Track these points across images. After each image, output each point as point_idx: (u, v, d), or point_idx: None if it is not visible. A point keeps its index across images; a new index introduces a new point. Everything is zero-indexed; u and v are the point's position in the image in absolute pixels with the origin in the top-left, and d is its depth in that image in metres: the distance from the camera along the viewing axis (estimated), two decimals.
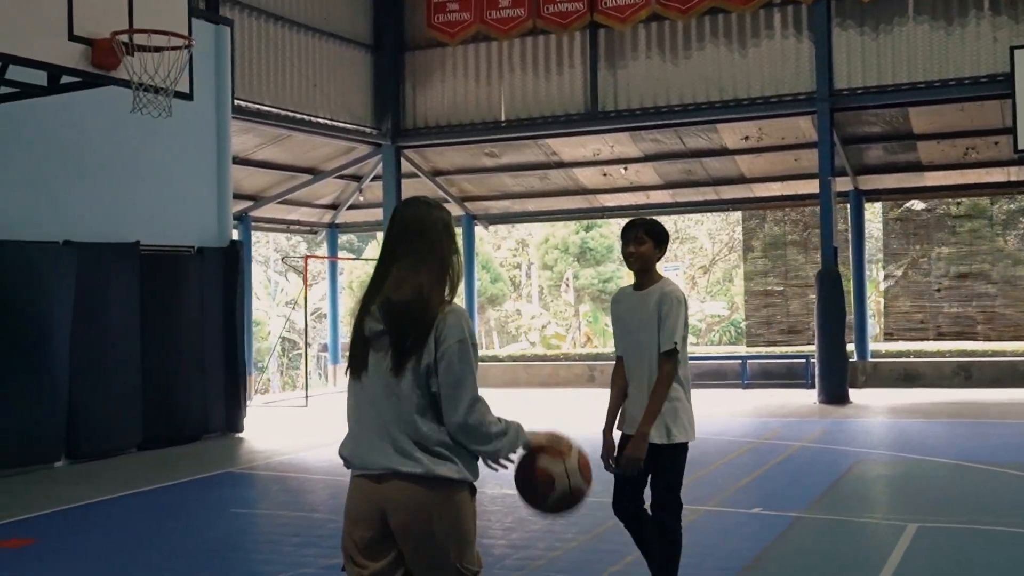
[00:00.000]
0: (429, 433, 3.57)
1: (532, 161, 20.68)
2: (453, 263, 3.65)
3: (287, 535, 8.52)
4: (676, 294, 5.32)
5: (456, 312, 3.58)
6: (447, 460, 3.58)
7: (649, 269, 5.41)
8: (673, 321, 5.24)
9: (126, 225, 13.46)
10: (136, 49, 7.99)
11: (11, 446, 11.79)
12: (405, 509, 3.58)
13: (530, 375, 21.99)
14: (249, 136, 17.97)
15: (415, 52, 19.89)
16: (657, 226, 5.45)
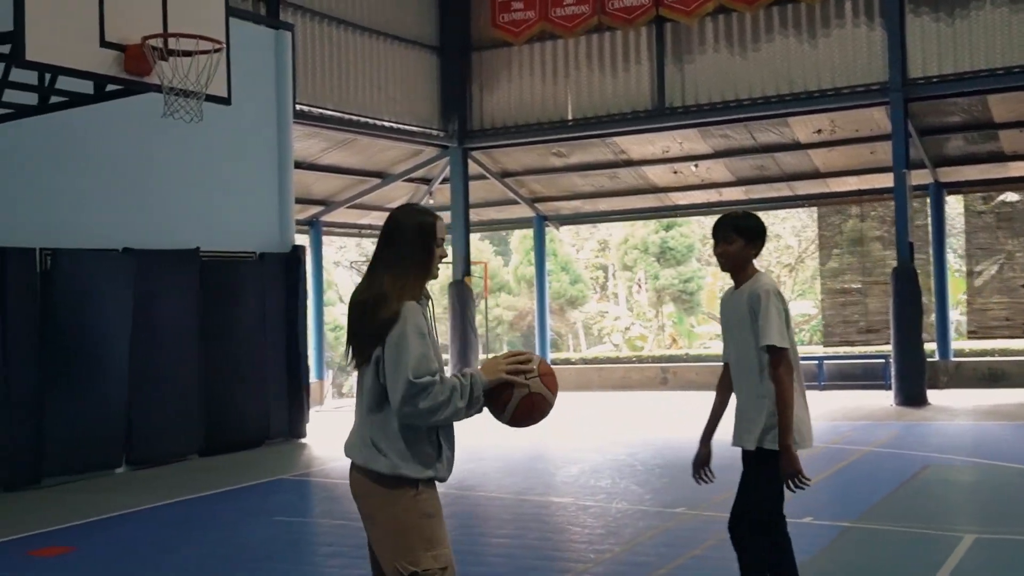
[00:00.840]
0: (374, 427, 3.79)
1: (601, 160, 20.37)
2: (421, 265, 3.84)
3: (320, 544, 8.41)
4: (766, 287, 4.89)
5: (406, 307, 3.73)
6: (382, 455, 3.76)
7: (743, 268, 5.00)
8: (765, 317, 4.82)
9: (186, 232, 13.51)
10: (168, 54, 7.92)
11: (72, 453, 11.87)
12: (357, 498, 3.89)
13: (602, 378, 21.68)
14: (314, 141, 17.98)
15: (481, 52, 19.73)
16: (748, 221, 5.03)
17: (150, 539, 8.82)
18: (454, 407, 3.69)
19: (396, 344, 3.68)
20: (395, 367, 3.67)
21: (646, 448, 12.88)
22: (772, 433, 4.86)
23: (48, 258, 11.72)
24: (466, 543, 8.12)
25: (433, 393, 3.64)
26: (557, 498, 9.87)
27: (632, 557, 7.44)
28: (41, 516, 9.87)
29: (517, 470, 11.63)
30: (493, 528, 8.82)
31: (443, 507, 3.85)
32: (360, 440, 3.83)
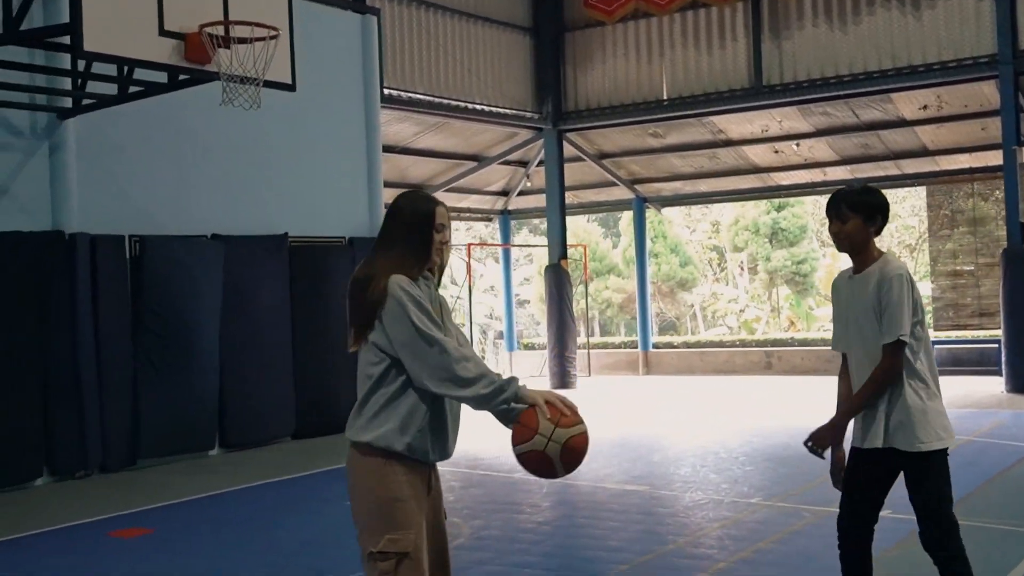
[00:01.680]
0: (363, 402, 3.84)
1: (698, 140, 19.98)
2: (417, 249, 3.89)
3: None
4: (898, 272, 4.46)
5: (391, 280, 3.77)
6: (359, 423, 3.83)
7: (862, 250, 4.58)
8: (897, 307, 4.41)
9: (275, 217, 13.66)
10: (228, 42, 7.96)
11: (165, 436, 12.13)
12: (346, 470, 3.93)
13: (704, 362, 21.33)
14: (406, 125, 18.01)
15: (574, 33, 19.50)
16: (864, 196, 4.59)
17: (226, 524, 8.93)
18: (476, 389, 3.72)
19: (396, 316, 3.73)
20: (410, 338, 3.72)
21: (736, 436, 12.59)
22: (925, 431, 4.52)
23: (137, 244, 11.97)
24: (514, 530, 8.03)
25: (450, 357, 3.71)
26: (633, 486, 9.69)
27: (693, 550, 7.25)
28: (129, 497, 10.09)
29: (599, 456, 11.47)
30: (555, 516, 8.70)
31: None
32: (354, 413, 3.89)
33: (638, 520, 8.35)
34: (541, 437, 3.69)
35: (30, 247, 10.92)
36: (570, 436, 3.72)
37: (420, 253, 3.90)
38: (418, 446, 3.82)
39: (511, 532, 8.05)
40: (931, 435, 4.52)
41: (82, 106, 10.75)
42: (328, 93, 14.55)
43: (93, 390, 11.40)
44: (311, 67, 14.27)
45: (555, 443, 3.69)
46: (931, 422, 4.52)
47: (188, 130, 12.59)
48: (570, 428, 3.73)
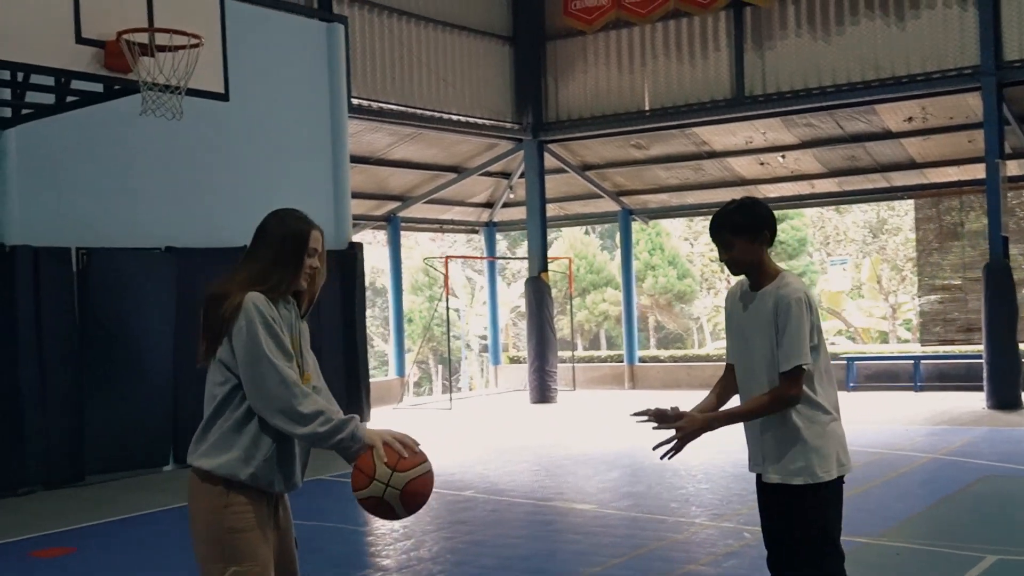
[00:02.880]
0: (207, 423, 3.66)
1: (682, 152, 19.65)
2: (285, 271, 3.70)
3: (310, 549, 8.07)
4: (796, 295, 4.16)
5: (247, 298, 3.60)
6: (200, 449, 3.65)
7: (757, 268, 4.29)
8: (794, 333, 4.11)
9: (233, 229, 13.37)
10: (150, 50, 7.68)
11: (115, 451, 11.86)
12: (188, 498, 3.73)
13: (691, 376, 20.96)
14: (379, 135, 17.73)
15: (555, 42, 19.20)
16: (744, 216, 4.27)
17: (156, 540, 8.64)
18: (312, 428, 3.54)
19: (243, 335, 3.57)
20: (252, 360, 3.56)
21: (700, 452, 12.24)
22: (824, 460, 4.20)
23: (84, 257, 11.70)
24: (462, 547, 7.73)
25: (290, 389, 3.54)
26: (580, 504, 9.37)
27: (621, 571, 6.92)
28: (64, 515, 9.80)
29: (553, 472, 11.16)
30: (495, 534, 8.37)
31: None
32: (197, 436, 3.71)
33: (573, 540, 8.03)
34: (378, 483, 3.54)
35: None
36: (409, 480, 3.58)
37: (287, 275, 3.71)
38: (263, 476, 3.64)
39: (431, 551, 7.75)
40: (829, 464, 4.21)
41: (20, 116, 10.49)
42: (292, 102, 14.30)
43: (34, 405, 11.14)
44: (274, 76, 14.05)
45: (393, 488, 3.55)
46: (829, 450, 4.22)
47: (140, 139, 12.31)
48: (408, 471, 3.58)
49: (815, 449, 4.18)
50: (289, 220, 3.79)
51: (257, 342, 3.55)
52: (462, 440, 14.60)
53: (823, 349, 4.27)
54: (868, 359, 20.13)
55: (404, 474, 3.56)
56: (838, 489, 4.28)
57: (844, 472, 4.26)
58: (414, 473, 3.59)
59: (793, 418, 4.20)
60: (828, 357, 4.32)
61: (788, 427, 4.21)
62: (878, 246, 37.32)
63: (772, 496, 4.34)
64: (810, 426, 4.20)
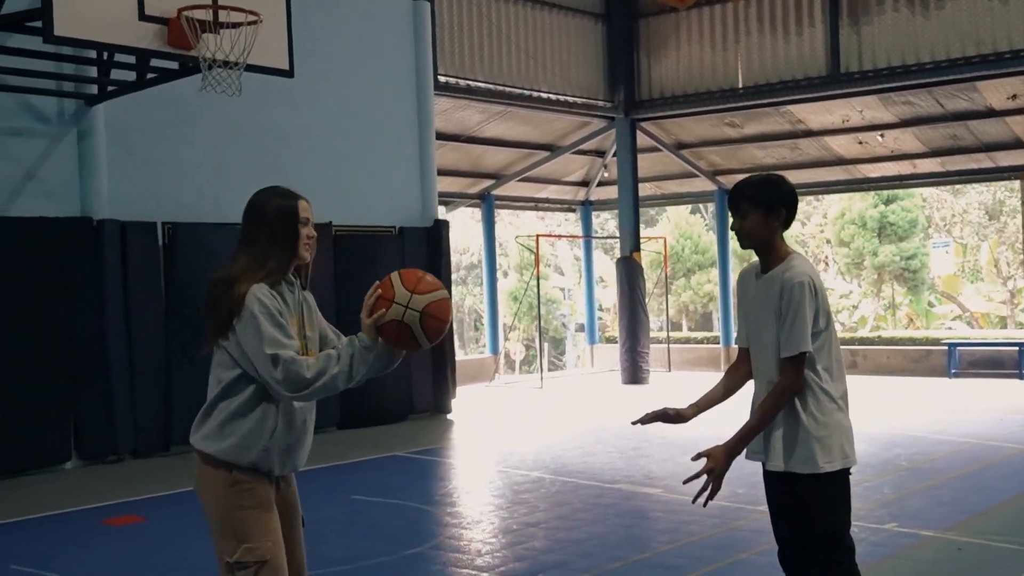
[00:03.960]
0: (209, 408, 3.74)
1: (777, 130, 19.25)
2: (282, 247, 3.75)
3: (367, 525, 8.19)
4: (800, 279, 4.01)
5: (251, 291, 3.63)
6: (203, 434, 3.72)
7: (767, 247, 4.13)
8: (798, 318, 3.97)
9: (318, 206, 13.48)
10: (214, 27, 7.79)
11: (186, 423, 12.13)
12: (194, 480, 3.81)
13: None
14: (469, 112, 17.75)
15: (648, 19, 18.96)
16: (765, 188, 4.14)
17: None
18: (331, 375, 3.57)
19: (248, 329, 3.61)
20: (258, 350, 3.59)
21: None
22: (826, 451, 4.07)
23: (169, 231, 11.99)
24: (517, 527, 7.72)
25: (297, 367, 3.55)
26: (646, 488, 9.29)
27: (668, 559, 6.84)
28: (136, 485, 10.09)
29: (627, 454, 11.08)
30: (554, 515, 8.35)
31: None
32: (199, 418, 3.80)
33: (630, 525, 7.97)
34: (398, 306, 3.57)
35: (56, 233, 11.01)
36: (429, 302, 3.59)
37: (286, 251, 3.76)
38: (263, 463, 3.73)
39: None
40: (832, 455, 4.08)
41: (107, 92, 10.78)
42: (378, 80, 14.41)
43: (123, 375, 11.47)
44: (361, 54, 14.18)
45: (413, 311, 3.57)
46: (833, 442, 4.08)
47: (226, 116, 12.53)
48: (428, 294, 3.60)
49: (818, 439, 4.06)
50: (274, 197, 3.85)
51: (261, 336, 3.58)
52: (544, 420, 14.61)
53: (832, 336, 4.13)
54: (971, 345, 19.50)
55: (423, 296, 3.58)
56: (843, 481, 4.14)
57: (848, 464, 4.12)
58: (433, 297, 3.60)
59: (796, 405, 4.09)
60: (838, 344, 4.18)
61: (791, 414, 4.09)
62: (996, 228, 36.13)
63: (775, 485, 4.25)
64: (814, 414, 4.08)
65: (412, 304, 3.57)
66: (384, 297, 3.60)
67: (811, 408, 4.07)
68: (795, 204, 4.21)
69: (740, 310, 4.41)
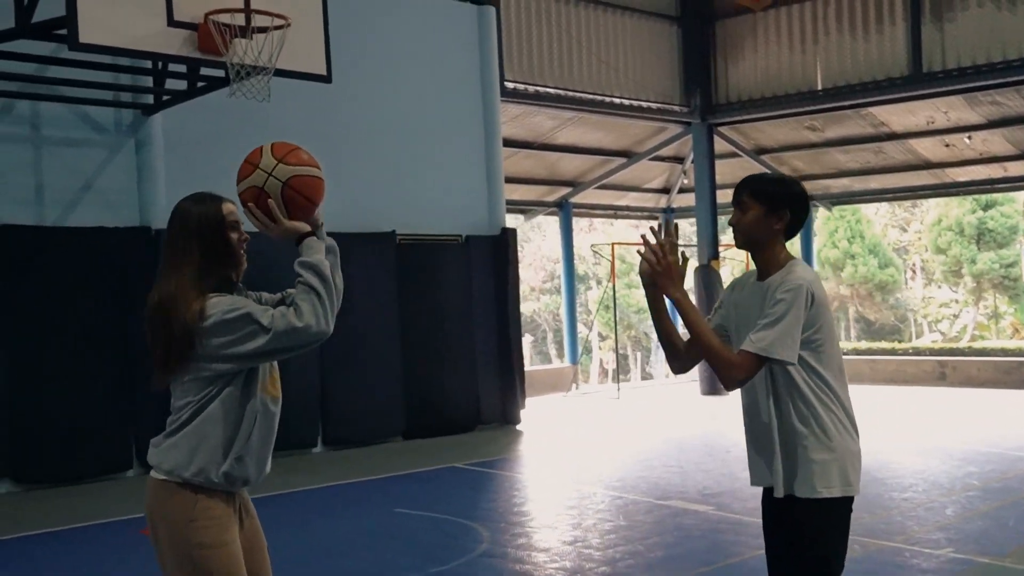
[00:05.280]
0: (175, 428, 3.42)
1: (859, 134, 18.67)
2: (216, 256, 3.44)
3: (402, 538, 8.02)
4: (798, 282, 3.63)
5: (213, 303, 3.33)
6: (172, 453, 3.40)
7: (763, 249, 3.78)
8: (778, 317, 3.59)
9: (382, 214, 13.47)
10: (244, 31, 7.70)
11: None
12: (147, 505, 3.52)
13: (873, 371, 19.96)
14: (540, 119, 17.53)
15: (724, 21, 18.52)
16: (771, 185, 3.81)
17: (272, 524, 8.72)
18: (319, 290, 3.32)
19: (228, 328, 3.29)
20: (252, 349, 3.29)
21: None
22: (826, 474, 3.70)
23: None
24: (553, 545, 7.48)
25: (290, 317, 3.27)
26: (698, 506, 8.95)
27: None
28: None
29: (686, 469, 10.74)
30: (595, 531, 8.08)
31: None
32: (157, 439, 3.49)
33: (671, 544, 7.66)
34: (261, 172, 3.34)
35: (115, 242, 11.08)
36: (294, 175, 3.37)
37: (222, 260, 3.47)
38: (236, 472, 3.44)
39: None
40: (832, 479, 3.70)
41: (162, 102, 10.82)
42: (442, 86, 14.28)
43: None
44: (424, 59, 14.07)
45: (276, 179, 3.34)
46: (835, 464, 3.70)
47: (285, 122, 12.47)
48: (295, 167, 3.38)
49: (816, 461, 3.69)
50: (200, 203, 3.51)
51: (247, 337, 3.29)
52: (611, 432, 14.33)
53: (834, 352, 3.74)
54: None
55: (290, 167, 3.35)
56: (841, 511, 3.75)
57: (849, 493, 3.72)
58: (300, 171, 3.37)
59: (797, 425, 3.73)
60: (841, 362, 3.79)
61: (791, 435, 3.73)
62: None
63: (770, 508, 3.91)
64: (817, 435, 3.70)
65: (276, 172, 3.34)
66: (249, 162, 3.37)
67: (814, 428, 3.71)
68: (803, 209, 3.83)
69: (722, 309, 4.00)
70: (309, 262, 3.37)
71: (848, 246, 34.52)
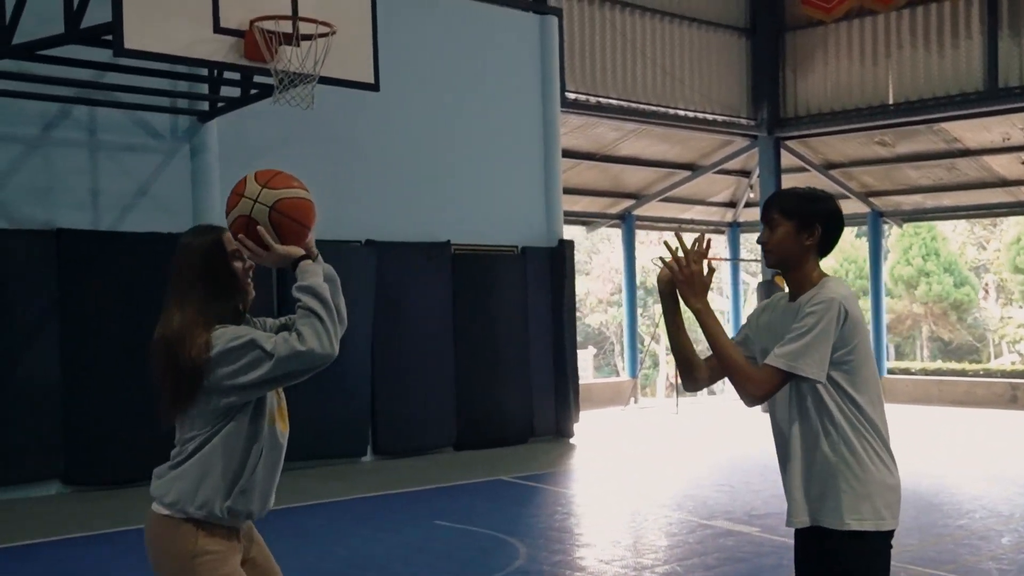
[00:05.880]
0: (179, 460, 3.37)
1: (932, 150, 18.20)
2: (220, 289, 3.39)
3: (436, 553, 7.90)
4: (831, 295, 3.43)
5: (218, 334, 3.27)
6: (175, 485, 3.34)
7: (795, 267, 3.58)
8: (807, 331, 3.39)
9: (436, 225, 13.41)
10: (291, 39, 7.67)
11: (311, 439, 12.08)
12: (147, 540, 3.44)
13: (942, 392, 19.45)
14: (602, 130, 17.36)
15: (794, 32, 18.21)
16: (801, 201, 3.60)
17: (301, 535, 8.69)
18: (319, 313, 3.24)
19: (233, 357, 3.23)
20: (256, 368, 3.22)
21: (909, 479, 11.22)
22: (863, 506, 3.48)
23: None
24: (589, 564, 7.31)
25: (292, 341, 3.19)
26: (743, 527, 8.71)
27: None
28: None
29: (736, 488, 10.50)
30: (630, 550, 7.90)
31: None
32: (157, 471, 3.43)
33: (709, 566, 7.45)
34: (247, 200, 3.27)
35: (169, 248, 11.02)
36: (280, 198, 3.29)
37: (229, 290, 3.42)
38: (241, 507, 3.35)
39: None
40: (868, 512, 3.48)
41: (217, 109, 10.87)
42: (502, 96, 14.20)
43: None
44: (484, 69, 14.00)
45: (262, 205, 3.26)
46: (873, 495, 3.48)
47: (341, 131, 12.54)
48: (280, 190, 3.30)
49: (846, 491, 3.47)
50: (198, 235, 3.50)
51: (253, 366, 3.22)
52: (663, 448, 14.11)
53: (870, 376, 3.53)
54: None
55: (275, 191, 3.28)
56: (876, 546, 3.51)
57: (883, 527, 3.49)
58: (286, 193, 3.30)
59: (827, 452, 3.52)
60: (878, 387, 3.58)
61: (821, 463, 3.52)
62: None
63: (800, 543, 3.71)
64: (845, 464, 3.48)
65: (261, 198, 3.26)
66: (235, 192, 3.32)
67: (845, 456, 3.49)
68: (836, 226, 3.62)
69: (748, 329, 3.80)
70: (307, 286, 3.30)
71: (923, 264, 33.83)
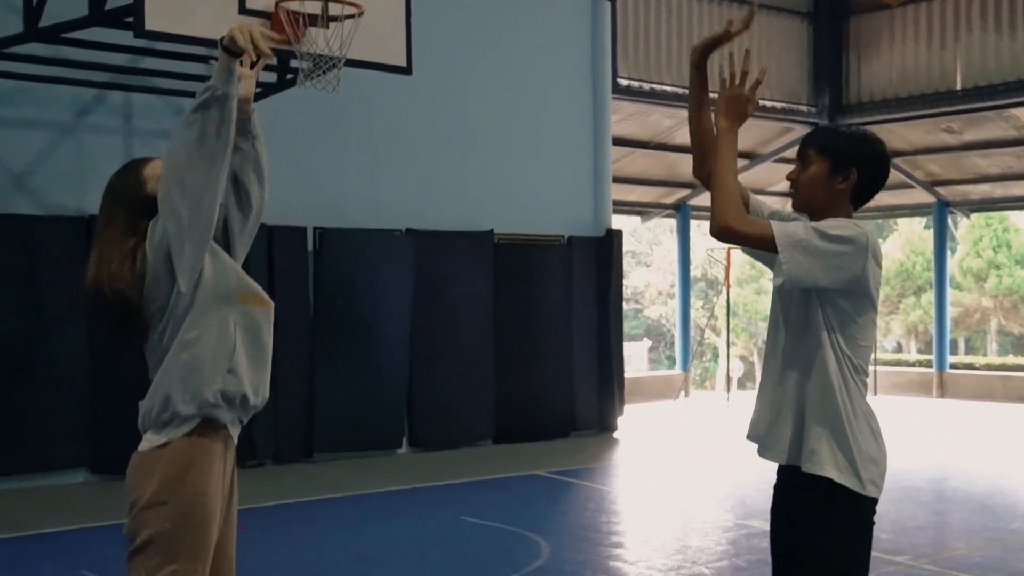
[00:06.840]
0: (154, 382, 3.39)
1: (1001, 137, 17.51)
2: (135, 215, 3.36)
3: (454, 550, 7.67)
4: (860, 228, 3.15)
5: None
6: (150, 397, 3.33)
7: (821, 212, 3.27)
8: (820, 227, 3.13)
9: (479, 213, 13.13)
10: (318, 20, 7.42)
11: (344, 430, 11.90)
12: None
13: (1006, 388, 18.78)
14: (657, 117, 16.93)
15: (859, 16, 17.61)
16: (842, 139, 3.31)
17: (322, 527, 8.49)
18: (205, 109, 3.26)
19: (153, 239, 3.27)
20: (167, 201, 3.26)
21: (945, 477, 10.78)
22: (858, 464, 3.16)
23: (319, 236, 11.81)
24: (614, 567, 7.02)
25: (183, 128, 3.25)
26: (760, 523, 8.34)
27: None
28: (267, 491, 9.85)
29: (761, 490, 10.10)
30: (663, 554, 7.57)
31: None
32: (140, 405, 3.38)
33: (742, 567, 7.10)
34: None
35: None
36: None
37: (152, 212, 3.36)
38: (234, 390, 3.33)
39: None
40: (841, 470, 3.15)
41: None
42: (551, 81, 13.85)
43: None
44: (534, 54, 13.67)
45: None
46: (848, 456, 3.16)
47: (381, 116, 12.28)
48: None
49: (825, 441, 3.16)
50: (125, 171, 3.50)
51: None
52: (706, 443, 13.78)
53: (866, 352, 3.23)
54: None
55: None
56: (860, 510, 3.20)
57: (863, 492, 3.17)
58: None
59: (815, 397, 3.19)
60: (871, 347, 3.28)
61: (809, 407, 3.20)
62: None
63: (780, 487, 3.36)
64: (827, 417, 3.17)
65: None
66: None
67: (834, 405, 3.18)
68: (877, 172, 3.31)
69: (771, 210, 3.57)
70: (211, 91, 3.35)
71: (993, 255, 32.91)
